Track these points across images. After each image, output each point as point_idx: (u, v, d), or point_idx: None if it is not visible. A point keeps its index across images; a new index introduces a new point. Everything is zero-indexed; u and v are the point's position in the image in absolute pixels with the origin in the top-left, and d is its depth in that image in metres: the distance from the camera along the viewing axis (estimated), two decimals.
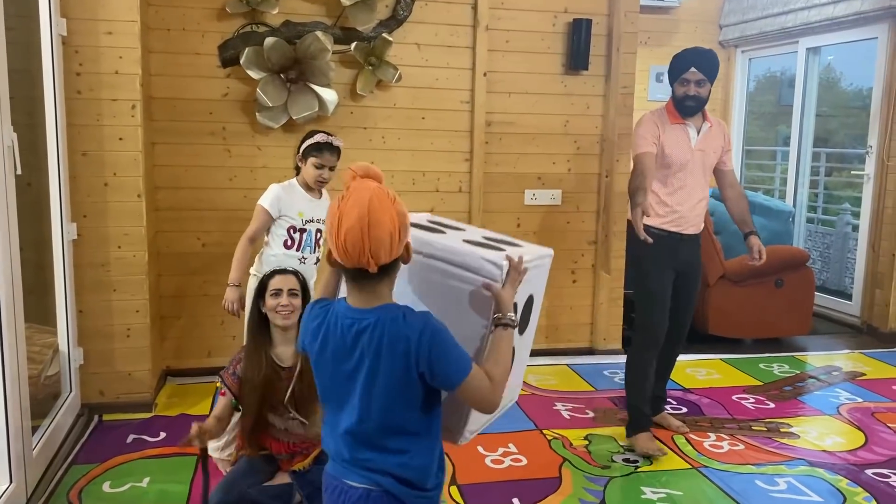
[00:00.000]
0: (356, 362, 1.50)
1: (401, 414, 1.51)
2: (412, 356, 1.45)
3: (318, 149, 3.02)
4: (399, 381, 1.48)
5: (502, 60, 4.27)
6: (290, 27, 3.86)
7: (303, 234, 3.05)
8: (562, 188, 4.48)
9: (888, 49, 5.17)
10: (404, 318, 1.47)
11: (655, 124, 3.23)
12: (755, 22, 6.29)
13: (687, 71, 3.17)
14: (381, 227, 1.42)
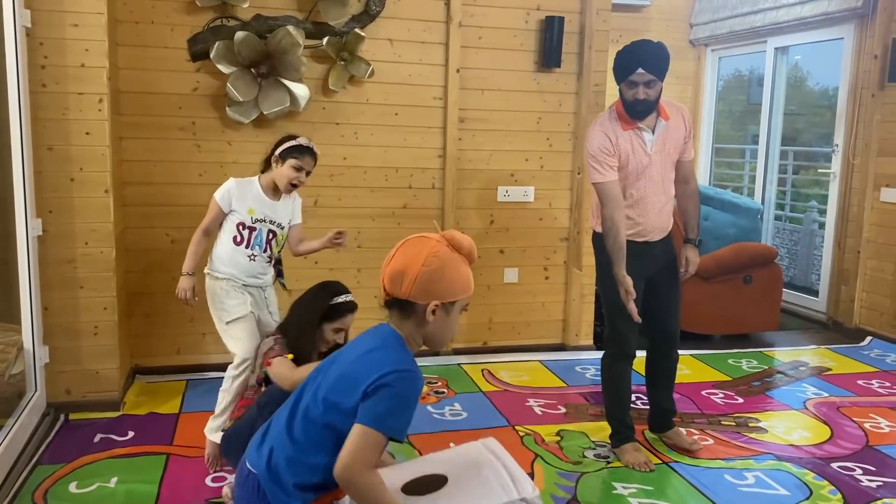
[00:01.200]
0: (348, 356, 1.79)
1: (324, 441, 1.69)
2: (363, 386, 1.61)
3: (301, 151, 2.99)
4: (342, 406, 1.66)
5: (475, 57, 4.27)
6: (261, 21, 3.82)
7: (252, 231, 3.00)
8: (534, 185, 4.50)
9: (853, 49, 5.26)
10: (384, 343, 1.68)
11: (608, 137, 2.93)
12: (725, 21, 6.37)
13: (633, 73, 2.83)
14: (400, 261, 1.64)
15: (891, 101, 4.99)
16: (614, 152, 2.92)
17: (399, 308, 1.66)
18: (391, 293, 1.65)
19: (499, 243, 4.48)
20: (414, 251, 1.63)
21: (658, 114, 2.97)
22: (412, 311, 1.65)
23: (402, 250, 1.65)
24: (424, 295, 1.61)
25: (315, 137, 4.04)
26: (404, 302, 1.64)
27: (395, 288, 1.63)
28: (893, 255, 4.97)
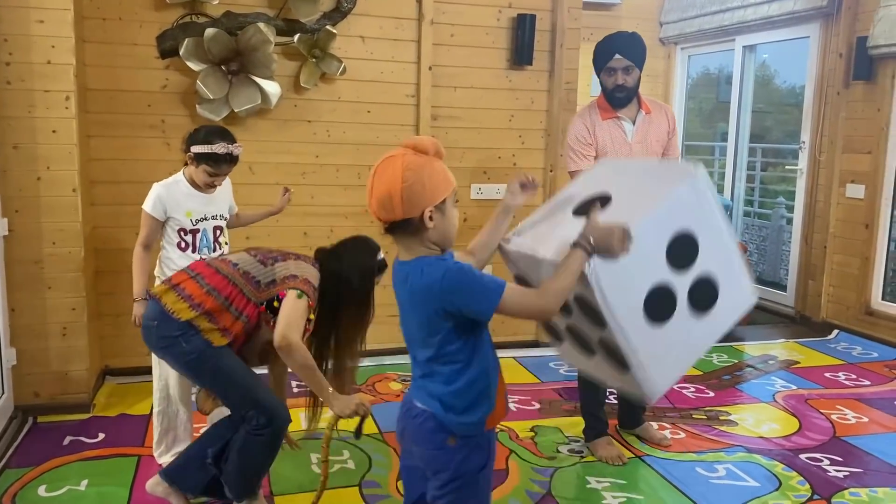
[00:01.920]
0: (405, 305, 1.77)
1: (441, 347, 1.71)
2: (436, 300, 1.65)
3: (217, 161, 2.72)
4: (430, 321, 1.69)
5: (447, 54, 4.27)
6: (232, 18, 3.79)
7: (195, 234, 2.81)
8: (507, 182, 4.50)
9: (819, 48, 5.35)
10: (422, 272, 1.68)
11: (586, 127, 3.03)
12: (694, 20, 6.43)
13: (612, 58, 2.94)
14: (381, 188, 1.67)
15: (855, 99, 5.08)
16: (591, 142, 3.00)
17: (401, 230, 1.71)
18: (387, 219, 1.70)
19: (471, 241, 4.48)
20: (389, 173, 1.67)
21: (639, 106, 3.06)
22: (412, 226, 1.69)
23: (377, 178, 1.69)
24: (416, 208, 1.66)
25: (287, 135, 4.04)
26: (402, 222, 1.69)
27: (389, 213, 1.68)
28: (858, 250, 5.07)
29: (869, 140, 4.98)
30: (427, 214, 1.67)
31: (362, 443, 3.19)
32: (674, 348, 1.98)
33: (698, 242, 1.93)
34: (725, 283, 1.99)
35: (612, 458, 3.09)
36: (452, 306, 1.65)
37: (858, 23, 5.02)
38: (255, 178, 4.03)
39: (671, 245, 1.89)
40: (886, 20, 4.71)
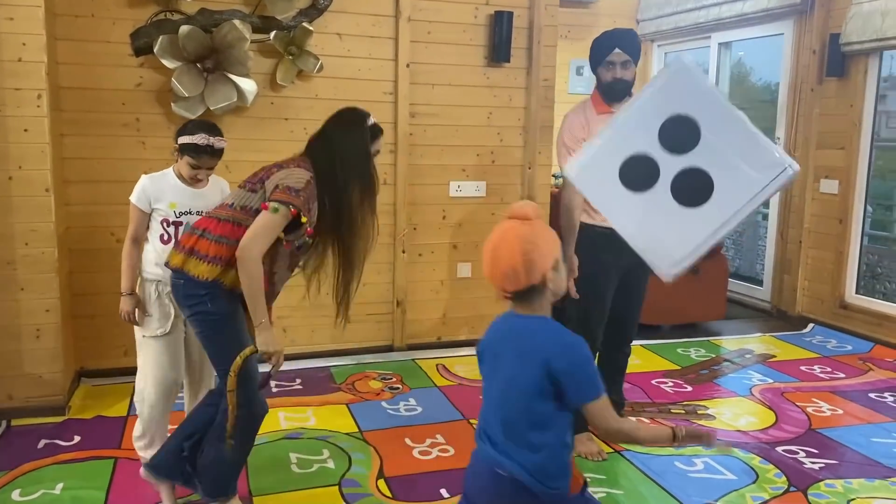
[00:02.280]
0: (506, 358, 1.77)
1: (537, 411, 1.71)
2: (547, 366, 1.68)
3: (197, 152, 2.69)
4: (536, 383, 1.69)
5: (425, 52, 4.26)
6: (206, 15, 3.75)
7: (178, 227, 2.74)
8: (486, 180, 4.52)
9: (793, 44, 5.41)
10: (545, 335, 1.74)
11: (580, 124, 3.06)
12: (670, 17, 6.47)
13: (611, 52, 3.02)
14: (503, 265, 1.72)
15: (829, 95, 5.15)
16: (584, 138, 2.97)
17: (527, 295, 1.77)
18: (513, 290, 1.75)
19: (451, 238, 4.49)
20: (507, 248, 1.73)
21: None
22: (536, 291, 1.76)
23: (496, 254, 1.75)
24: (538, 274, 1.74)
25: (263, 133, 4.01)
26: (527, 289, 1.75)
27: (514, 284, 1.74)
28: (832, 245, 5.13)
29: (842, 136, 5.04)
30: (548, 277, 1.75)
31: (341, 441, 3.18)
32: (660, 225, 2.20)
33: (700, 131, 2.04)
34: (730, 172, 2.15)
35: (593, 454, 3.11)
36: (556, 378, 1.68)
37: (831, 20, 5.08)
38: (233, 176, 3.95)
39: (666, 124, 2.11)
40: (858, 17, 4.77)
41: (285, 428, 3.33)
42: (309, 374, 4.02)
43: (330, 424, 3.37)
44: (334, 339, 4.30)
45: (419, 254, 4.43)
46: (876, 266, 6.48)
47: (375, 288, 4.34)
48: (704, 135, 2.17)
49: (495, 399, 1.79)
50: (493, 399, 1.80)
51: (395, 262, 4.36)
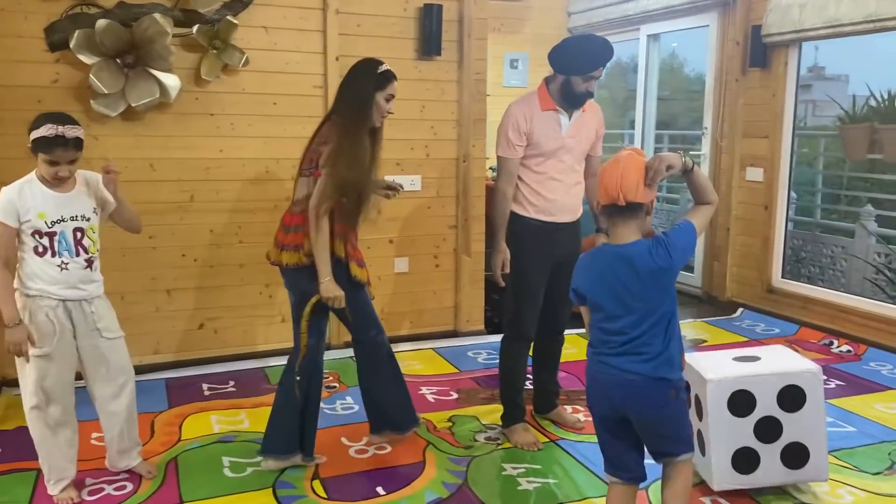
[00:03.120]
0: (623, 283, 2.08)
1: (660, 317, 2.10)
2: (663, 255, 2.06)
3: (48, 145, 2.47)
4: (655, 295, 2.09)
5: (355, 45, 4.21)
6: (125, 9, 3.63)
7: (52, 237, 2.55)
8: (421, 174, 4.50)
9: (718, 36, 5.54)
10: (651, 255, 2.06)
11: (524, 117, 3.08)
12: (600, 10, 6.56)
13: (597, 69, 3.06)
14: (631, 174, 2.05)
15: (753, 86, 5.29)
16: (525, 132, 3.07)
17: (630, 212, 2.08)
18: (629, 200, 2.05)
19: (388, 233, 4.46)
20: (635, 165, 2.07)
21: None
22: (641, 209, 2.09)
23: (625, 168, 2.06)
24: (649, 196, 2.09)
25: (189, 129, 3.91)
26: (635, 206, 2.07)
27: (634, 195, 2.05)
28: (759, 231, 5.28)
29: (766, 125, 5.19)
30: (653, 203, 2.10)
31: None
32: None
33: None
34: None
35: (528, 445, 3.14)
36: (680, 258, 2.08)
37: (753, 12, 5.22)
38: (157, 174, 3.89)
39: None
40: (777, 10, 4.91)
41: (218, 431, 3.26)
42: (242, 375, 3.94)
43: (264, 427, 3.30)
44: (268, 339, 4.23)
45: None
46: (801, 250, 6.72)
47: None
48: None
49: (613, 315, 2.10)
50: (612, 315, 2.11)
51: None
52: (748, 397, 2.65)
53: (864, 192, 7.19)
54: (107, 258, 3.78)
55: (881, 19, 4.26)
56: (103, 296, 2.73)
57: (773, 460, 2.68)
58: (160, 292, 3.97)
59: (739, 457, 2.67)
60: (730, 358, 2.83)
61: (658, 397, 2.09)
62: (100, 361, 2.70)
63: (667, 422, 2.14)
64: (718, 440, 2.64)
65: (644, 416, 2.12)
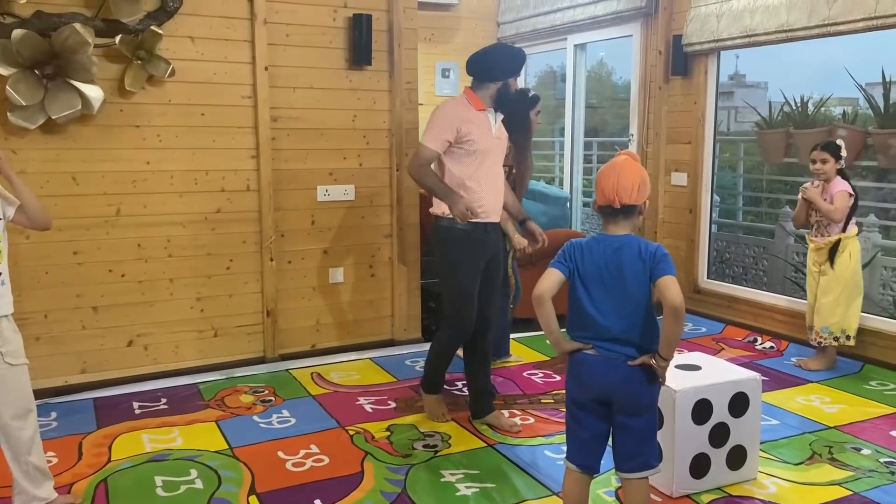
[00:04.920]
0: (611, 271, 2.22)
1: (644, 304, 2.21)
2: (650, 267, 2.18)
3: None
4: (643, 281, 2.19)
5: (284, 55, 4.18)
6: (43, 18, 3.52)
7: None
8: (354, 183, 4.49)
9: (641, 45, 5.71)
10: (639, 247, 2.20)
11: (459, 115, 3.20)
12: (529, 20, 6.67)
13: (520, 70, 3.44)
14: (631, 178, 2.22)
15: (675, 93, 5.47)
16: (456, 129, 3.19)
17: (626, 212, 2.24)
18: (623, 202, 2.20)
19: (322, 243, 4.43)
20: (631, 171, 2.23)
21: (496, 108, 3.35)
22: (634, 210, 2.24)
23: (622, 172, 2.22)
24: (643, 197, 2.25)
25: (113, 141, 3.82)
26: (630, 207, 2.23)
27: (627, 198, 2.21)
28: (684, 233, 5.46)
29: (688, 131, 5.37)
30: (646, 204, 2.28)
31: (210, 459, 3.07)
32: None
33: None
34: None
35: (438, 416, 3.44)
36: (655, 271, 2.17)
37: (674, 22, 5.40)
38: (81, 188, 3.77)
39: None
40: (697, 20, 5.10)
41: (150, 451, 3.18)
42: (174, 392, 3.85)
43: (198, 443, 3.24)
44: (201, 354, 4.15)
45: (288, 261, 4.34)
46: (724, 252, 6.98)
47: (243, 298, 4.22)
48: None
49: (612, 304, 2.22)
50: (608, 305, 2.23)
51: (263, 270, 4.25)
52: (707, 405, 2.77)
53: (782, 195, 7.51)
54: (29, 275, 3.69)
55: (792, 29, 4.46)
56: (10, 317, 2.53)
57: (720, 463, 2.83)
58: (86, 309, 3.85)
59: (695, 462, 2.78)
60: (672, 366, 2.87)
61: (638, 377, 2.23)
62: (3, 387, 2.51)
63: (644, 411, 2.26)
64: (681, 448, 2.74)
65: (625, 395, 2.23)
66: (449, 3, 6.69)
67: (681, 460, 2.76)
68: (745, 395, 2.85)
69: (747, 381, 2.87)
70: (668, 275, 2.15)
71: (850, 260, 4.11)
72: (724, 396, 2.81)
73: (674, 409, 2.73)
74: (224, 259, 4.14)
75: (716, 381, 2.85)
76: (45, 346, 3.71)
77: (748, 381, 2.88)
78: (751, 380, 2.89)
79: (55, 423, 3.43)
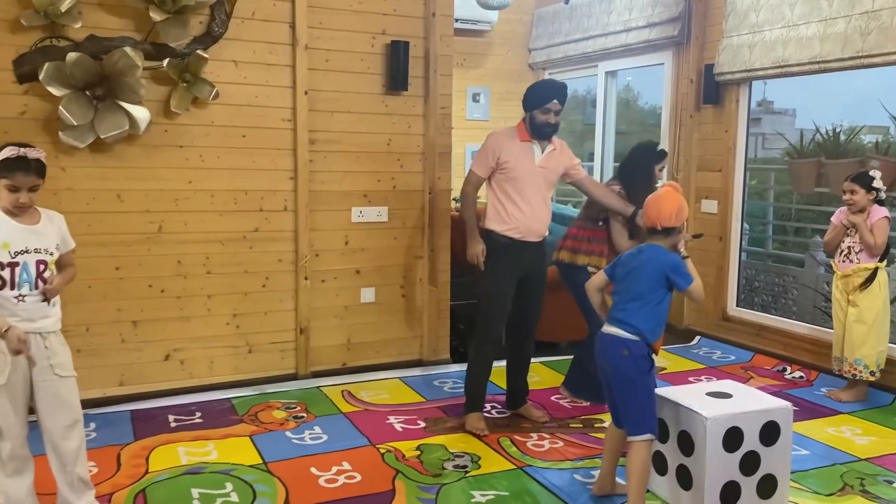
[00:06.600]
0: (633, 269, 2.80)
1: (654, 297, 2.76)
2: (664, 271, 2.74)
3: (8, 168, 2.47)
4: (657, 280, 2.75)
5: (323, 79, 4.29)
6: (96, 42, 3.66)
7: (14, 268, 2.51)
8: (388, 205, 4.57)
9: (673, 74, 5.76)
10: (659, 254, 2.76)
11: (504, 146, 3.61)
12: (560, 46, 6.77)
13: (551, 102, 3.58)
14: (672, 205, 2.76)
15: (706, 121, 5.51)
16: (497, 157, 3.62)
17: (664, 233, 2.78)
18: (663, 225, 2.76)
19: (355, 263, 4.51)
20: (671, 199, 2.76)
21: (551, 140, 3.71)
22: (673, 231, 2.78)
23: (663, 202, 2.76)
24: (681, 220, 2.78)
25: (158, 161, 3.94)
26: (670, 228, 2.77)
27: (667, 221, 2.75)
28: (714, 261, 5.46)
29: (719, 159, 5.40)
30: (684, 226, 2.81)
31: (245, 473, 3.13)
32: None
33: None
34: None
35: (478, 430, 3.60)
36: (670, 277, 2.72)
37: (706, 51, 5.45)
38: (125, 205, 3.89)
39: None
40: (729, 50, 5.15)
41: (186, 463, 3.25)
42: (209, 406, 3.93)
43: (232, 457, 3.31)
44: (235, 369, 4.23)
45: (322, 280, 4.42)
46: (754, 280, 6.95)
47: (278, 316, 4.30)
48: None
49: (625, 291, 2.79)
50: (624, 291, 2.79)
51: (297, 289, 4.33)
52: (737, 433, 2.79)
53: (812, 224, 7.48)
54: (72, 290, 3.77)
55: (825, 61, 4.50)
56: (59, 332, 2.64)
57: (750, 492, 2.83)
58: (126, 323, 3.95)
59: (725, 490, 2.79)
60: (703, 394, 2.98)
61: (617, 349, 2.76)
62: (52, 398, 2.61)
63: (621, 382, 2.78)
64: (711, 475, 2.76)
65: (609, 367, 2.80)
66: (481, 30, 6.81)
67: (711, 488, 2.77)
68: (777, 423, 2.86)
69: (779, 410, 2.89)
70: (686, 286, 2.73)
71: (881, 290, 4.10)
72: (756, 425, 2.82)
73: (705, 436, 2.74)
74: (260, 277, 4.24)
75: (747, 409, 2.86)
76: (86, 359, 3.81)
77: (780, 409, 2.89)
78: (782, 409, 2.90)
79: (94, 434, 3.51)
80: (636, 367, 2.74)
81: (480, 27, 6.75)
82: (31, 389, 2.59)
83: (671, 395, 2.94)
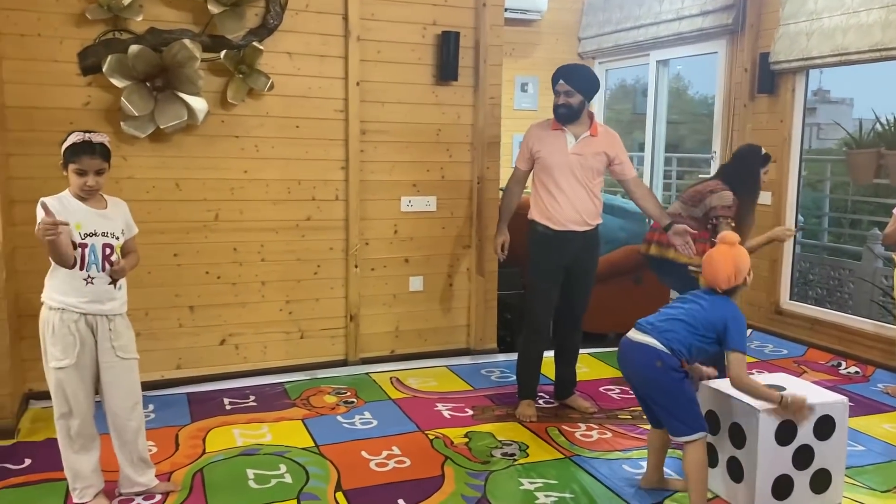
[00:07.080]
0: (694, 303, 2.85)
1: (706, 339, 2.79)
2: (720, 321, 2.74)
3: (75, 153, 2.56)
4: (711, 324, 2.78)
5: (375, 70, 4.34)
6: (156, 34, 3.76)
7: (84, 249, 2.61)
8: (436, 195, 4.61)
9: (726, 62, 5.66)
10: (721, 306, 2.77)
11: (536, 136, 3.66)
12: (610, 35, 6.70)
13: (556, 83, 3.61)
14: (728, 269, 2.75)
15: (760, 111, 5.40)
16: (530, 148, 3.68)
17: (731, 292, 2.80)
18: (726, 288, 2.77)
19: (403, 252, 4.56)
20: (725, 262, 2.76)
21: (588, 127, 3.65)
22: (738, 288, 2.80)
23: (717, 267, 2.77)
24: (739, 280, 2.77)
25: (214, 151, 4.03)
26: (733, 287, 2.78)
27: (727, 285, 2.77)
28: (767, 254, 5.35)
29: (773, 150, 5.26)
30: (745, 282, 2.80)
31: (298, 456, 3.21)
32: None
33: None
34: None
35: (526, 416, 3.66)
36: (722, 329, 2.74)
37: (761, 39, 5.34)
38: (182, 194, 4.00)
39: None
40: (786, 38, 5.04)
41: (241, 445, 3.35)
42: (262, 390, 4.03)
43: (286, 440, 3.40)
44: (287, 354, 4.32)
45: (371, 268, 4.48)
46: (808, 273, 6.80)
47: (328, 303, 4.38)
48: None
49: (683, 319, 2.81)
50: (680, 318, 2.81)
51: (347, 276, 4.41)
52: (791, 427, 2.77)
53: (869, 216, 7.28)
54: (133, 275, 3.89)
55: (887, 48, 4.37)
56: (124, 315, 2.76)
57: (803, 486, 2.81)
58: (183, 308, 4.07)
59: (778, 483, 2.78)
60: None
61: (651, 359, 2.75)
62: (114, 379, 2.72)
63: (660, 392, 2.77)
64: (763, 468, 2.74)
65: (640, 375, 2.83)
66: (531, 19, 6.78)
67: (763, 480, 2.75)
68: (832, 418, 2.82)
69: (834, 405, 2.84)
70: (735, 350, 2.71)
71: None
72: (810, 419, 2.79)
73: (757, 429, 2.72)
74: (312, 265, 4.32)
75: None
76: (145, 342, 3.93)
77: (835, 404, 2.85)
78: (838, 403, 2.85)
79: (153, 415, 3.64)
80: (673, 376, 2.72)
81: (530, 16, 6.72)
82: (97, 369, 2.71)
83: (723, 387, 2.92)
